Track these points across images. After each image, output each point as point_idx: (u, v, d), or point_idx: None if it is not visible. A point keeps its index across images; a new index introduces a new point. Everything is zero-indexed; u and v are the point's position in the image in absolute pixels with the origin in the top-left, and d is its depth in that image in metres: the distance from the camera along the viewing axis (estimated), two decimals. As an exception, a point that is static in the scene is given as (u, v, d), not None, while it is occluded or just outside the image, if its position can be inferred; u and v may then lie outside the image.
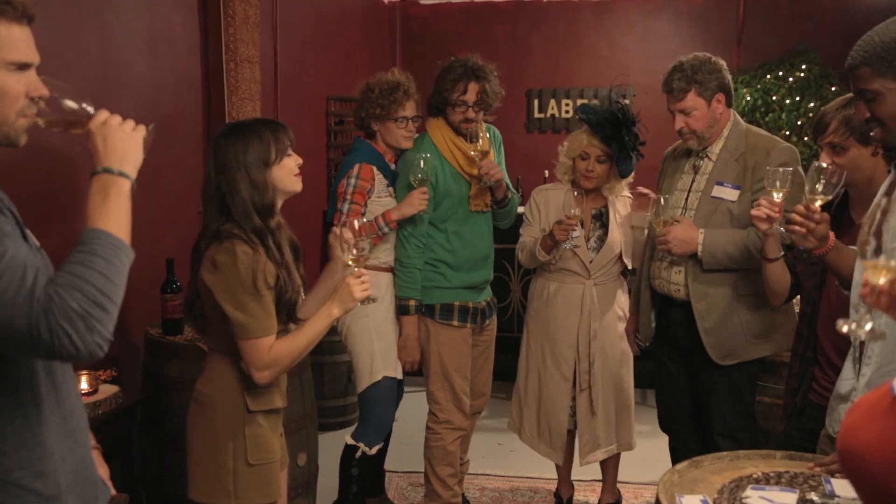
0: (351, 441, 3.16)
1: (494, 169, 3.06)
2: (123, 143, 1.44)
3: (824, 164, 2.14)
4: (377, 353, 3.11)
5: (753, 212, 2.35)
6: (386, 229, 3.04)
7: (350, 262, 2.08)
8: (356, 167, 3.06)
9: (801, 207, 2.08)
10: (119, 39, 3.16)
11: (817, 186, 2.07)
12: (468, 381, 3.22)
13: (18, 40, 1.38)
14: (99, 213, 1.36)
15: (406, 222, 3.08)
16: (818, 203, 2.07)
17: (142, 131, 1.48)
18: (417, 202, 3.00)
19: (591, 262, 3.17)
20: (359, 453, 3.13)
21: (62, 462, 1.44)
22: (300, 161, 2.15)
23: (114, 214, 1.37)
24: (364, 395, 3.15)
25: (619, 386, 3.27)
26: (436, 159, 3.08)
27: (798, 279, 2.54)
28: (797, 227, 2.08)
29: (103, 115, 1.47)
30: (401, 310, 3.11)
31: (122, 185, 1.41)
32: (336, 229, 2.18)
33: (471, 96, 3.05)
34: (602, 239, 3.21)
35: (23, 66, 1.39)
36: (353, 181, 3.04)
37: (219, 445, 2.08)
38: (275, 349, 2.03)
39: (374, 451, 3.15)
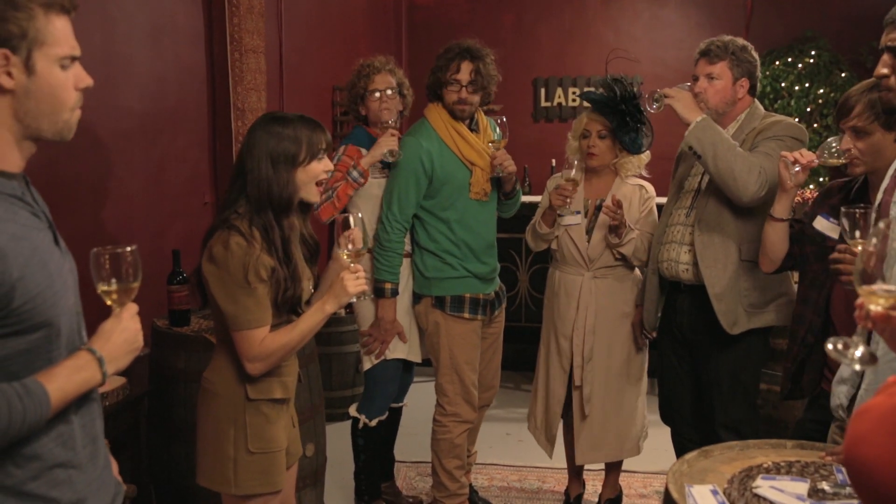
0: (354, 413, 3.29)
1: (508, 161, 3.07)
2: (124, 351, 1.46)
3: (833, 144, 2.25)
4: None
5: (784, 152, 2.37)
6: (355, 173, 3.08)
7: (345, 257, 2.06)
8: (342, 147, 3.21)
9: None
10: (122, 31, 3.15)
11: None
12: (478, 374, 3.22)
13: (66, 34, 1.36)
14: (60, 381, 1.35)
15: (392, 204, 3.07)
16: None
17: (139, 344, 1.50)
18: (385, 142, 3.03)
19: (587, 251, 3.13)
20: (361, 424, 3.27)
21: (82, 470, 1.44)
22: (330, 167, 2.13)
23: (70, 391, 1.37)
24: (370, 371, 3.23)
25: (620, 391, 3.20)
26: (434, 144, 3.07)
27: (803, 256, 2.51)
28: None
29: (132, 309, 1.49)
30: (377, 292, 3.11)
31: (94, 380, 1.41)
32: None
33: (464, 76, 3.04)
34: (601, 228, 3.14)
35: (73, 60, 1.38)
36: (337, 157, 3.15)
37: (221, 433, 2.11)
38: (267, 341, 2.04)
39: (373, 422, 3.26)
